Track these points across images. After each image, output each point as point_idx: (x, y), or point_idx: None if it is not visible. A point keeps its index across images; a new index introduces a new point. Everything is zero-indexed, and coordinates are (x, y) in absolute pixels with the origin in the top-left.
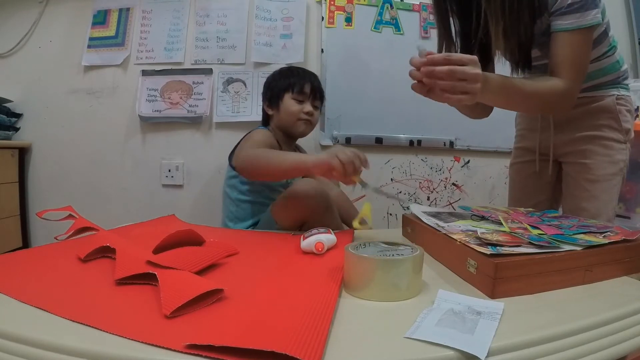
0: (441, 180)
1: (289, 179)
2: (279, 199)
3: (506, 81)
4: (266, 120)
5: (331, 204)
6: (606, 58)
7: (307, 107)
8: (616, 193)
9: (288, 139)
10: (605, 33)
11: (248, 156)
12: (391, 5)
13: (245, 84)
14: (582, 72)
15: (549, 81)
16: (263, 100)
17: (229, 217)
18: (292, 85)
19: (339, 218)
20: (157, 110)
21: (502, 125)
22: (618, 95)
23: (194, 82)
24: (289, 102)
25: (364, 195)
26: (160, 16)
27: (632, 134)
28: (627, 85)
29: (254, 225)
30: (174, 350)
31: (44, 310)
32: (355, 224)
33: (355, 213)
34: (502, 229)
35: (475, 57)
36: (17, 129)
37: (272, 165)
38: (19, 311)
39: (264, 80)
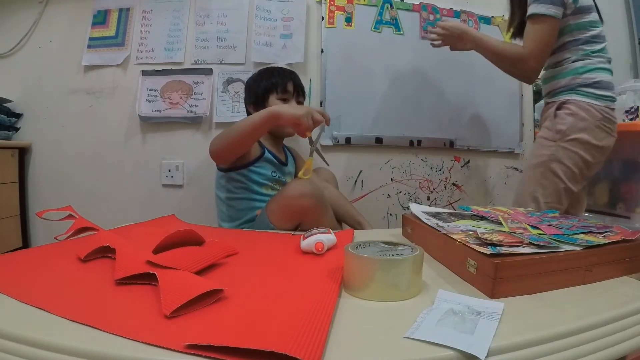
0: (441, 180)
1: (265, 132)
2: (274, 199)
3: (483, 38)
4: None
5: (326, 204)
6: (569, 64)
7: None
8: (537, 180)
9: (275, 141)
10: (576, 41)
11: (218, 137)
12: (391, 5)
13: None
14: (536, 50)
15: (514, 46)
16: (247, 104)
17: (222, 217)
18: (276, 85)
19: (334, 218)
20: (157, 110)
21: (502, 126)
22: (569, 100)
23: (194, 82)
24: (275, 103)
25: (364, 196)
26: (160, 16)
27: (570, 135)
28: (587, 92)
29: (246, 223)
30: (174, 350)
31: (44, 310)
32: (300, 174)
33: (354, 212)
34: (502, 229)
35: (458, 24)
36: (17, 129)
37: (246, 126)
38: (19, 311)
39: None
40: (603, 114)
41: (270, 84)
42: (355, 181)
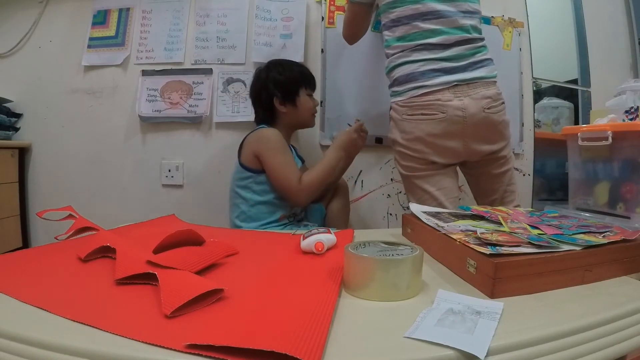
0: None
1: None
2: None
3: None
4: (266, 119)
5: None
6: (387, 58)
7: (316, 100)
8: (405, 184)
9: (291, 134)
10: (385, 26)
11: (309, 189)
12: None
13: (245, 84)
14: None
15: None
16: (272, 97)
17: (240, 217)
18: (306, 80)
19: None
20: (157, 110)
21: None
22: (391, 105)
23: (194, 82)
24: (306, 99)
25: (364, 196)
26: (160, 16)
27: (400, 139)
28: (396, 91)
29: (267, 224)
30: (174, 350)
31: (44, 310)
32: None
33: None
34: (501, 229)
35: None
36: (17, 129)
37: (332, 172)
38: (19, 311)
39: None
40: (405, 106)
41: (300, 78)
42: (355, 181)
